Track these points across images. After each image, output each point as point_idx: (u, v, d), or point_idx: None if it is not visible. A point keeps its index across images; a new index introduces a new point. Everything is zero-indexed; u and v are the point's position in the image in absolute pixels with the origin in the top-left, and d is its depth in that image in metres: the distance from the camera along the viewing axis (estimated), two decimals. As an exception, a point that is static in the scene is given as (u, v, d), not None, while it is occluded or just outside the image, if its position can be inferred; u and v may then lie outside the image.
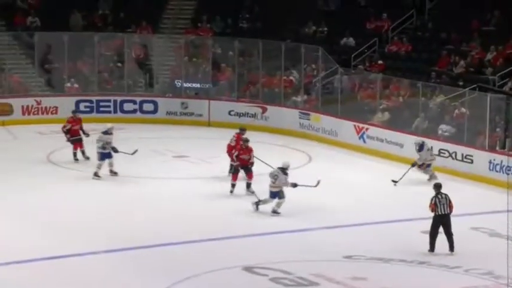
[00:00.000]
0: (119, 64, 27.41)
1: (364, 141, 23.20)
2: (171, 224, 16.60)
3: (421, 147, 19.92)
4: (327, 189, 19.29)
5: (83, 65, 27.13)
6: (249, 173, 18.59)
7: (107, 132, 19.70)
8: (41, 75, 26.68)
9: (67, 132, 20.86)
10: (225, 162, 19.68)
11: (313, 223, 16.83)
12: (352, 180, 20.25)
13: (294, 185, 17.46)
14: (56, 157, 21.42)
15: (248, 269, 14.22)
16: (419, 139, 20.31)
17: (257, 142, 21.99)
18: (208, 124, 26.03)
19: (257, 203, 17.42)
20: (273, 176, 17.40)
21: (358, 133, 23.39)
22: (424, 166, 19.93)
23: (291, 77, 26.32)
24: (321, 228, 16.60)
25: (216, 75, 27.16)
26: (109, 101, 26.43)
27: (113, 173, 19.50)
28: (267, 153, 22.19)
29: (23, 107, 25.48)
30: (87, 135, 20.85)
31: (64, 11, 27.98)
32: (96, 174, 19.37)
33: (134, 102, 26.55)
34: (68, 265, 14.31)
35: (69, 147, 21.27)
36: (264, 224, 16.76)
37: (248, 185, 18.46)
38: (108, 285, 13.43)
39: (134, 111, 26.44)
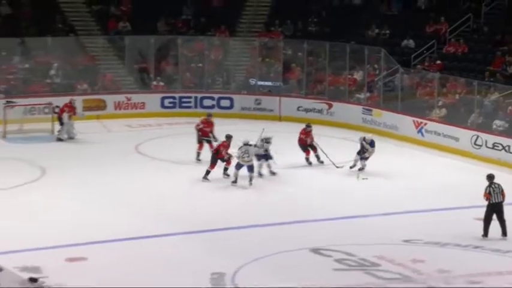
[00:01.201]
0: (200, 64, 27.46)
1: (423, 135, 22.82)
2: (243, 209, 16.54)
3: (372, 143, 19.34)
4: (387, 178, 19.04)
5: (168, 65, 27.27)
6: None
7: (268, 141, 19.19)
8: (131, 74, 26.91)
9: (198, 131, 20.48)
10: (293, 152, 19.54)
11: (374, 210, 16.57)
12: (410, 171, 19.91)
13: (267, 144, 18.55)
14: (143, 148, 21.56)
15: (315, 250, 14.05)
16: (370, 136, 19.72)
17: (322, 135, 21.81)
18: (279, 119, 25.89)
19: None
20: (244, 151, 17.94)
21: (416, 127, 23.02)
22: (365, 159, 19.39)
23: (355, 76, 26.04)
24: (382, 215, 16.33)
25: (287, 75, 27.01)
26: (190, 97, 26.50)
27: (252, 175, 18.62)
28: (332, 145, 21.98)
29: (115, 102, 25.70)
30: (216, 140, 20.03)
31: (152, 16, 28.17)
32: (228, 175, 18.60)
33: (213, 98, 26.57)
34: (149, 245, 14.34)
35: (155, 139, 21.42)
36: (329, 209, 16.56)
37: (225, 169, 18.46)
38: (183, 265, 13.38)
39: (212, 106, 26.44)
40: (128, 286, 12.29)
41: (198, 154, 20.11)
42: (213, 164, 18.53)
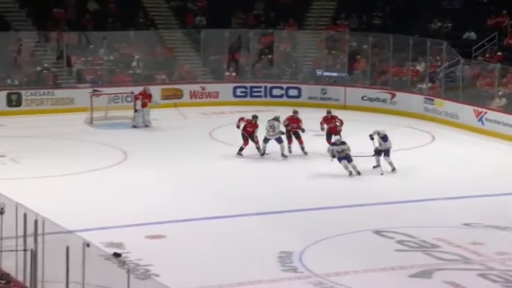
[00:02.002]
0: (269, 56, 27.44)
1: (483, 124, 22.32)
2: (310, 191, 16.49)
3: (385, 138, 17.99)
4: (448, 164, 18.71)
5: (240, 56, 27.32)
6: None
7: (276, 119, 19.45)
8: (205, 65, 27.07)
9: (286, 126, 19.81)
10: (357, 139, 19.40)
11: (435, 193, 16.32)
12: (471, 158, 19.52)
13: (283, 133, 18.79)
14: (216, 134, 21.69)
15: (377, 232, 13.92)
16: (383, 130, 18.31)
17: (385, 123, 21.53)
18: (344, 107, 25.68)
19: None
20: (270, 126, 18.57)
21: (477, 116, 22.54)
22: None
23: (418, 67, 25.64)
24: (443, 199, 16.07)
25: (352, 66, 26.75)
26: (260, 87, 26.51)
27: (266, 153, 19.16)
28: (394, 133, 21.67)
29: (190, 91, 25.89)
30: (303, 130, 19.78)
31: (226, 11, 28.24)
32: (262, 154, 18.96)
33: (281, 88, 26.51)
34: (222, 225, 14.43)
35: (227, 126, 21.53)
36: (391, 193, 16.38)
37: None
38: (254, 243, 13.42)
39: (281, 96, 26.42)
40: (202, 263, 12.40)
41: (289, 148, 19.41)
42: (245, 141, 18.92)
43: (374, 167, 17.84)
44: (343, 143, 17.73)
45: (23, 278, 10.00)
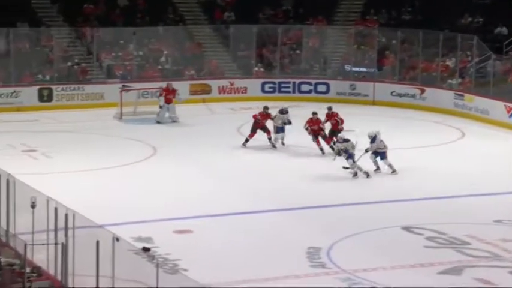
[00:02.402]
0: (298, 51, 27.38)
1: (514, 119, 22.08)
2: (339, 187, 16.42)
3: (373, 139, 17.46)
4: (478, 161, 18.51)
5: (268, 52, 27.29)
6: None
7: (282, 112, 19.71)
8: (234, 61, 27.08)
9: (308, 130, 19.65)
10: (386, 135, 19.23)
11: (466, 190, 16.16)
12: (501, 154, 19.28)
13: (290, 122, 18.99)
14: (244, 129, 21.63)
15: (406, 228, 13.83)
16: (373, 131, 17.71)
17: (414, 119, 21.40)
18: (373, 103, 25.55)
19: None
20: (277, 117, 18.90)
21: (508, 112, 22.27)
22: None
23: (448, 63, 25.40)
24: (473, 195, 15.90)
25: (381, 61, 26.60)
26: (289, 82, 26.47)
27: (283, 144, 19.47)
28: (424, 128, 21.55)
29: (219, 87, 25.94)
30: (325, 135, 19.37)
31: (254, 7, 28.21)
32: (273, 145, 19.42)
33: (310, 83, 26.45)
34: (251, 220, 14.44)
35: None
36: (421, 189, 16.25)
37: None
38: (282, 239, 13.40)
39: (310, 91, 26.35)
40: (229, 258, 12.42)
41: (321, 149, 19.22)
42: (253, 132, 19.22)
43: (375, 170, 17.23)
44: (346, 141, 17.18)
45: (54, 271, 10.09)
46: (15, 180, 11.02)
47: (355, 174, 16.98)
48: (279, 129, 19.59)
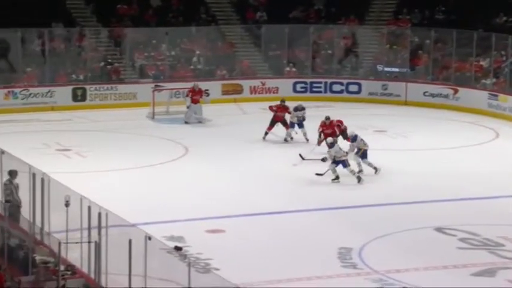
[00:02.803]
0: (329, 51, 27.28)
1: (550, 120, 21.78)
2: (371, 188, 16.32)
3: (354, 138, 17.11)
4: (511, 161, 18.28)
5: (300, 52, 27.23)
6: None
7: (297, 109, 19.99)
8: (265, 60, 27.06)
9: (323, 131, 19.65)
10: (419, 136, 19.13)
11: (500, 191, 15.97)
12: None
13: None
14: (276, 129, 21.48)
15: (439, 229, 13.71)
16: (352, 132, 17.44)
17: (447, 120, 21.21)
18: (405, 103, 25.37)
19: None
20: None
21: (543, 112, 21.97)
22: (360, 152, 17.05)
23: (481, 62, 25.10)
24: (507, 196, 15.70)
25: (413, 61, 26.40)
26: (320, 82, 26.39)
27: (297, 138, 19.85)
28: (457, 129, 21.33)
29: (250, 87, 25.94)
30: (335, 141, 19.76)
31: (286, 6, 28.15)
32: (286, 140, 19.89)
33: (341, 83, 26.34)
34: (282, 220, 14.43)
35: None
36: (453, 190, 16.09)
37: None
38: (310, 239, 13.38)
39: (341, 91, 26.24)
40: (261, 258, 12.42)
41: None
42: (271, 126, 19.83)
43: (359, 172, 16.81)
44: (331, 145, 16.65)
45: (87, 270, 10.17)
46: (49, 179, 11.13)
47: (336, 178, 16.44)
48: (292, 125, 20.02)
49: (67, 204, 10.29)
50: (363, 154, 16.99)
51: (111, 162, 17.85)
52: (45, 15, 24.50)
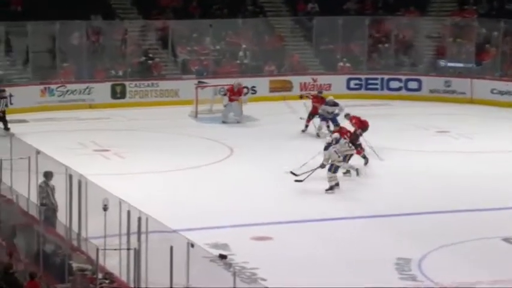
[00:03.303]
0: (386, 45, 27.11)
1: None
2: (430, 194, 16.15)
3: (337, 140, 16.80)
4: None
5: (354, 46, 27.13)
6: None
7: (329, 103, 20.45)
8: (317, 55, 27.02)
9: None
10: (483, 137, 18.86)
11: None
12: None
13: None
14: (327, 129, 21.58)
15: (507, 239, 13.51)
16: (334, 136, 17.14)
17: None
18: (471, 101, 25.06)
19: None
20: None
21: None
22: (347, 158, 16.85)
23: (555, 57, 24.65)
24: None
25: (480, 55, 26.06)
26: (376, 79, 26.27)
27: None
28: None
29: (300, 83, 25.93)
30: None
31: (340, -3, 28.11)
32: (317, 135, 20.34)
33: (400, 80, 26.16)
34: (334, 227, 14.41)
35: (340, 120, 21.40)
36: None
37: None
38: (368, 248, 13.33)
39: (399, 88, 26.08)
40: (311, 268, 12.41)
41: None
42: (309, 118, 20.54)
43: (344, 173, 16.84)
44: (326, 148, 16.64)
45: (126, 278, 10.30)
46: (87, 181, 11.29)
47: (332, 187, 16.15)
48: (323, 118, 20.32)
49: (105, 208, 10.44)
50: (345, 158, 16.84)
51: (151, 163, 18.05)
52: (84, 8, 24.83)
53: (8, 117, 20.95)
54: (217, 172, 17.77)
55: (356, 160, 17.51)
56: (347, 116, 19.00)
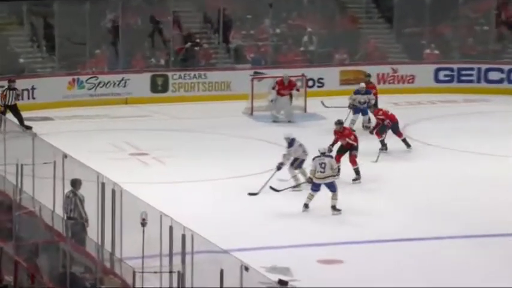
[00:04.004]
0: (485, 27, 26.85)
1: None
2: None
3: (290, 142, 17.01)
4: None
5: (445, 28, 26.97)
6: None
7: (360, 92, 20.92)
8: (399, 40, 26.93)
9: None
10: None
11: None
12: None
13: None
14: (411, 131, 21.49)
15: None
16: (290, 134, 17.30)
17: None
18: None
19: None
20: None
21: None
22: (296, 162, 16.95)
23: None
24: None
25: None
26: (472, 69, 26.08)
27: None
28: None
29: (378, 75, 25.88)
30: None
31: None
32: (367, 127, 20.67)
33: (501, 70, 25.95)
34: (413, 248, 14.41)
35: (426, 120, 21.39)
36: None
37: None
38: (452, 274, 13.30)
39: (500, 80, 25.87)
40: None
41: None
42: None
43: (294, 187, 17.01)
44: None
45: (167, 306, 10.44)
46: (122, 191, 11.43)
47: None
48: (356, 110, 20.79)
49: (143, 223, 10.58)
50: (299, 164, 16.99)
51: (197, 170, 18.23)
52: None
53: (30, 114, 21.40)
54: (276, 181, 17.82)
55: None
56: (372, 108, 20.22)
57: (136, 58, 25.21)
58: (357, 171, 17.60)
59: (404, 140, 19.64)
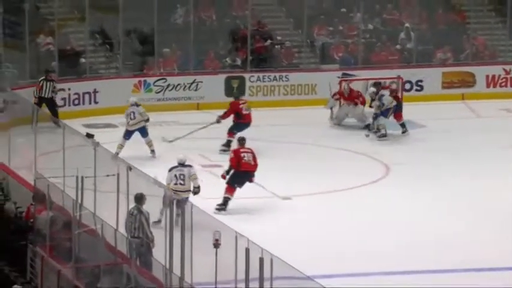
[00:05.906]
0: None
1: None
2: None
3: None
4: None
5: None
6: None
7: (376, 84, 22.13)
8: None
9: None
10: None
11: None
12: None
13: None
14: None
15: None
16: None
17: None
18: None
19: None
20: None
21: None
22: None
23: None
24: None
25: None
26: None
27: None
28: None
29: (487, 77, 25.70)
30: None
31: None
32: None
33: None
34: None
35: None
36: None
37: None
38: None
39: None
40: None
41: None
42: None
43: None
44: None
45: None
46: (192, 207, 11.56)
47: None
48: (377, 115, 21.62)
49: (216, 245, 10.71)
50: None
51: (276, 184, 18.30)
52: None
53: (92, 120, 21.70)
54: (367, 198, 17.89)
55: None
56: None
57: (209, 58, 25.36)
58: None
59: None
